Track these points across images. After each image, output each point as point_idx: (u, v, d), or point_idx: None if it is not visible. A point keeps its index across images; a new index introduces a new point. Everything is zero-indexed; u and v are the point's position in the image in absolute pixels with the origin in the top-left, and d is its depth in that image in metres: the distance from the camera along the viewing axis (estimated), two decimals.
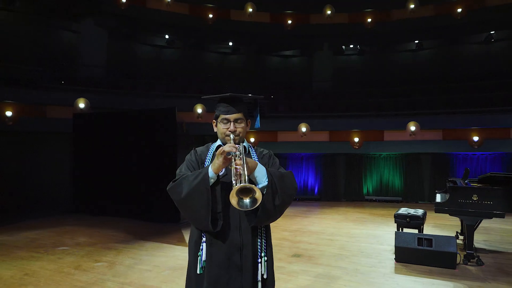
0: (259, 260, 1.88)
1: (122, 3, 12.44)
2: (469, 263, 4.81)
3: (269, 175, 1.81)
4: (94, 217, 8.28)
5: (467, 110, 10.78)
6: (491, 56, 14.14)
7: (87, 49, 12.19)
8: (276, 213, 1.85)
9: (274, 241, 6.33)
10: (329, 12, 14.10)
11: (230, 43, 15.68)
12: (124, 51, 14.28)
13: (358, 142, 11.08)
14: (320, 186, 11.62)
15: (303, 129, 11.27)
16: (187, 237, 6.66)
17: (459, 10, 13.15)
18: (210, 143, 2.10)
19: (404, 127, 10.83)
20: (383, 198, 11.02)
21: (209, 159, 1.96)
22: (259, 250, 1.89)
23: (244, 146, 1.98)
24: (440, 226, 7.39)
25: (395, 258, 5.03)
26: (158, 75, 13.60)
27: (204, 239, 1.85)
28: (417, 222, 5.72)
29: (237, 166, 1.68)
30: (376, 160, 11.32)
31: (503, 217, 4.68)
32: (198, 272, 1.85)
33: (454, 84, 12.83)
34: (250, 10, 14.09)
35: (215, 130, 2.03)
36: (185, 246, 5.91)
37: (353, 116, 11.77)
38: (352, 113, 11.97)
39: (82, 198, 8.89)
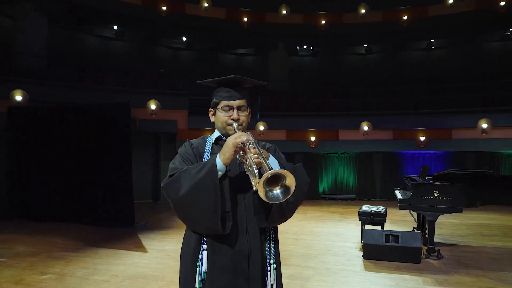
0: (268, 268, 1.65)
1: None
2: (430, 257, 5.00)
3: (282, 167, 1.59)
4: (36, 223, 7.36)
5: (414, 112, 11.42)
6: (432, 62, 15.22)
7: (24, 37, 10.93)
8: (290, 211, 1.64)
9: None
10: (284, 12, 14.19)
11: (184, 38, 15.13)
12: (68, 40, 13.11)
13: (314, 141, 11.25)
14: None
15: (261, 128, 11.17)
16: (145, 242, 6.32)
17: (405, 17, 13.95)
18: (206, 135, 1.85)
19: (358, 127, 11.20)
20: (338, 196, 11.29)
21: (208, 153, 1.71)
22: (267, 256, 1.66)
23: None
24: (396, 222, 7.68)
25: (362, 256, 5.07)
26: (107, 68, 12.65)
27: (204, 246, 1.58)
28: (380, 219, 5.84)
29: (252, 155, 1.45)
30: (331, 159, 11.58)
31: (461, 212, 4.93)
32: (197, 286, 1.57)
33: (401, 87, 13.57)
34: (206, 4, 13.71)
35: (212, 120, 1.79)
36: (144, 251, 5.49)
37: (309, 116, 11.92)
38: (308, 112, 12.12)
39: (21, 202, 7.89)
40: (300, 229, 7.11)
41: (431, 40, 15.03)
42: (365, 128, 11.07)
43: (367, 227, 5.88)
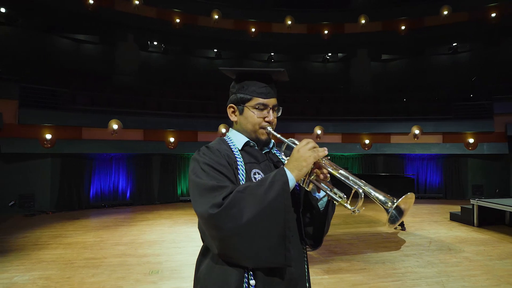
0: None
1: None
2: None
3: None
4: None
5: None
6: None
7: None
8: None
9: (114, 260, 5.37)
10: (137, 2, 13.14)
11: (2, 10, 11.93)
12: None
13: (173, 142, 10.85)
14: (132, 189, 10.60)
15: (115, 126, 9.99)
16: None
17: (253, 30, 15.17)
18: (221, 138, 1.49)
19: (216, 128, 11.47)
20: None
21: (241, 164, 1.36)
22: (307, 281, 1.46)
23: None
24: None
25: None
26: None
27: (252, 281, 1.25)
28: None
29: (339, 172, 1.27)
30: (189, 160, 11.40)
31: None
32: None
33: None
34: None
35: (233, 118, 1.48)
36: None
37: (167, 115, 11.40)
38: (165, 111, 11.58)
39: None
40: (177, 235, 6.72)
41: (271, 54, 16.88)
42: (223, 130, 11.43)
43: None
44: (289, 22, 15.19)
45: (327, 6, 15.91)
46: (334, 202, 1.29)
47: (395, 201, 1.11)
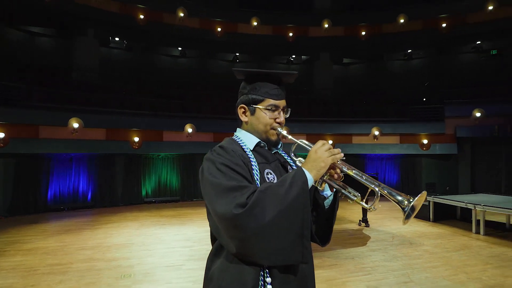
0: None
1: None
2: None
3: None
4: None
5: (232, 117, 12.51)
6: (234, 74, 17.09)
7: None
8: None
9: (81, 265, 5.19)
10: None
11: None
12: None
13: (138, 141, 10.55)
14: (94, 191, 10.15)
15: (75, 125, 9.52)
16: None
17: (219, 29, 15.12)
18: (229, 138, 1.52)
19: (182, 128, 11.31)
20: (162, 199, 11.00)
21: (255, 164, 1.38)
22: (314, 279, 1.50)
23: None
24: None
25: None
26: None
27: (268, 279, 1.28)
28: None
29: (353, 173, 1.34)
30: (154, 160, 11.16)
31: None
32: None
33: (216, 91, 14.58)
34: None
35: (244, 119, 1.50)
36: None
37: (130, 114, 11.03)
38: (129, 110, 11.21)
39: None
40: (146, 238, 6.56)
41: (236, 54, 16.92)
42: (189, 130, 11.30)
43: None
44: (255, 23, 15.30)
45: (292, 9, 16.26)
46: (349, 200, 1.36)
47: (411, 200, 1.20)
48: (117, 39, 14.72)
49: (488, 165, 11.94)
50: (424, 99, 14.12)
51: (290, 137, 1.49)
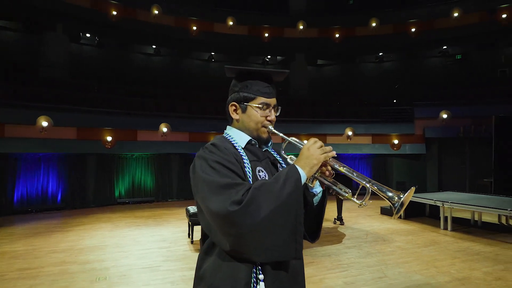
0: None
1: None
2: None
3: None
4: None
5: (207, 117, 12.42)
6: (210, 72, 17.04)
7: None
8: None
9: (54, 268, 5.02)
10: None
11: None
12: None
13: (111, 141, 10.28)
14: (64, 192, 9.78)
15: (44, 124, 9.15)
16: None
17: (194, 28, 14.98)
18: (221, 136, 1.50)
19: (156, 128, 11.12)
20: (136, 199, 10.77)
21: (247, 162, 1.38)
22: (304, 275, 1.52)
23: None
24: None
25: None
26: None
27: (261, 276, 1.29)
28: None
29: (343, 169, 1.37)
30: (128, 160, 10.90)
31: None
32: None
33: (191, 92, 14.43)
34: None
35: (235, 116, 1.49)
36: None
37: (103, 113, 10.73)
38: (101, 108, 10.89)
39: None
40: (121, 239, 6.41)
41: (212, 53, 16.82)
42: (164, 129, 11.13)
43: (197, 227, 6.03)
44: (231, 23, 15.28)
45: (268, 10, 16.36)
46: (340, 197, 1.40)
47: (401, 196, 1.25)
48: (88, 35, 14.27)
49: (454, 164, 12.53)
50: (395, 101, 14.62)
51: (281, 135, 1.51)
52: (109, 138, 10.22)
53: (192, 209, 6.26)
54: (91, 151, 10.08)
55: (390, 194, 1.28)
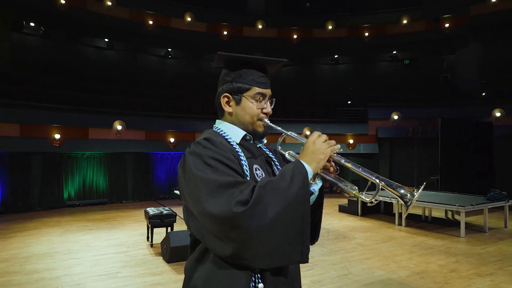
0: None
1: None
2: None
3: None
4: None
5: (165, 114, 12.01)
6: (168, 68, 16.52)
7: None
8: None
9: None
10: None
11: None
12: None
13: (59, 139, 9.56)
14: (5, 195, 8.90)
15: None
16: None
17: (150, 22, 14.41)
18: (211, 130, 1.37)
19: (110, 125, 10.56)
20: (87, 201, 10.09)
21: (243, 159, 1.27)
22: (300, 279, 1.42)
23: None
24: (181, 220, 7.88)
25: (167, 260, 4.98)
26: None
27: (261, 285, 1.18)
28: (171, 220, 5.94)
29: (350, 166, 1.28)
30: (79, 160, 10.20)
31: None
32: None
33: (148, 89, 13.88)
34: None
35: (228, 109, 1.35)
36: None
37: (50, 108, 9.94)
38: (49, 104, 10.09)
39: None
40: (72, 245, 5.94)
41: (169, 50, 16.31)
42: (119, 127, 10.59)
43: (160, 230, 5.79)
44: (189, 19, 14.94)
45: (226, 7, 16.19)
46: (346, 194, 1.32)
47: (414, 193, 1.19)
48: (32, 24, 13.15)
49: (403, 163, 13.26)
50: (349, 102, 15.17)
51: (279, 128, 1.39)
52: (57, 136, 9.49)
53: (152, 210, 5.99)
54: (37, 150, 9.29)
55: (402, 191, 1.21)
